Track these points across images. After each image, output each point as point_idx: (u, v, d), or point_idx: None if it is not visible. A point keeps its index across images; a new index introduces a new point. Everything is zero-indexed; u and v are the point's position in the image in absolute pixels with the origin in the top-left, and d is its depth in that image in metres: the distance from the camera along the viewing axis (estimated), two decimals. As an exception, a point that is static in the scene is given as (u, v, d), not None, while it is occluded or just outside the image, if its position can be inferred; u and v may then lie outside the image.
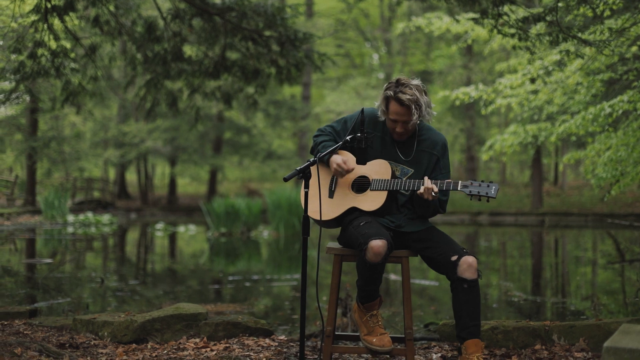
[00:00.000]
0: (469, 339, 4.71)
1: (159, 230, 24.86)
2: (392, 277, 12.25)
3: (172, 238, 22.54)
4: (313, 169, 5.09)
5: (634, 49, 11.75)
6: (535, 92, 15.74)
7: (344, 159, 5.00)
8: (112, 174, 47.48)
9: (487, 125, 43.89)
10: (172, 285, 11.39)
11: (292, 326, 8.00)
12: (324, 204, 5.04)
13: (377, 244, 4.63)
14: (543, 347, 5.48)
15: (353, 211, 5.02)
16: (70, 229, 23.87)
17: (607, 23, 10.11)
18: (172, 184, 42.10)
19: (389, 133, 5.08)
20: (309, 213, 4.97)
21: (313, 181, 5.08)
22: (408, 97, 4.87)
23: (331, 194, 5.09)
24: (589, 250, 18.72)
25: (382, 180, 4.96)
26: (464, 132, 40.30)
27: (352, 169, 4.99)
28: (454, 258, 4.73)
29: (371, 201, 4.97)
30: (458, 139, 42.60)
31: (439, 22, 18.85)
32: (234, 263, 15.36)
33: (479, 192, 4.74)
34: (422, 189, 4.80)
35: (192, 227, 25.96)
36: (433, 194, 4.78)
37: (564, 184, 44.51)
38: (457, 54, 40.07)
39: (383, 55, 48.11)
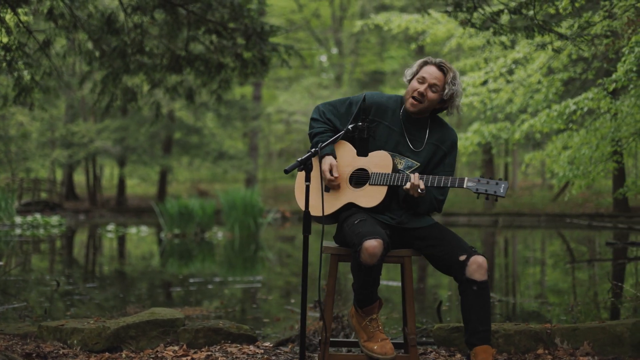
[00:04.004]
0: (479, 345, 4.38)
1: (110, 232, 24.29)
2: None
3: (124, 240, 22.04)
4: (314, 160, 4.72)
5: (592, 49, 11.66)
6: (497, 90, 15.61)
7: (332, 163, 4.64)
8: (59, 174, 46.57)
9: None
10: (131, 289, 10.98)
11: (265, 330, 7.65)
12: (318, 199, 4.66)
13: (372, 244, 4.27)
14: (546, 351, 5.18)
15: (350, 207, 4.67)
16: (17, 231, 23.23)
17: (567, 22, 9.99)
18: (121, 185, 41.43)
19: (399, 120, 4.75)
20: (303, 207, 4.61)
21: (302, 176, 4.72)
22: (449, 66, 4.67)
23: (327, 188, 4.72)
24: (547, 251, 18.62)
25: (382, 174, 4.60)
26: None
27: (336, 177, 4.63)
28: (463, 258, 4.40)
29: (370, 197, 4.61)
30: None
31: (398, 20, 18.62)
32: (191, 265, 14.95)
33: (486, 191, 4.41)
34: (407, 185, 4.47)
35: (144, 229, 25.45)
36: (419, 190, 4.44)
37: (514, 185, 44.72)
38: (408, 55, 39.97)
39: (334, 55, 47.91)
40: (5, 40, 9.72)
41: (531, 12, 8.46)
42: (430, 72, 4.65)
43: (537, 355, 5.11)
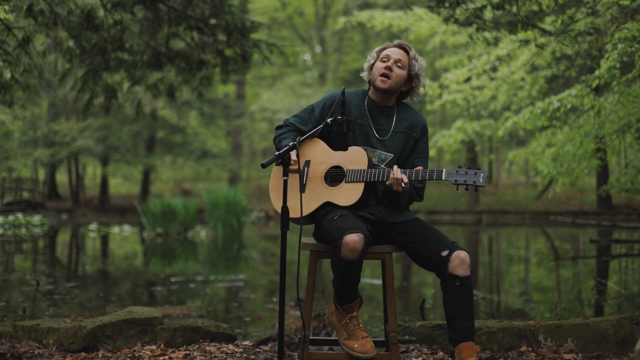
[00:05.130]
0: (463, 342, 4.29)
1: (92, 231, 24.12)
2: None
3: (107, 239, 21.87)
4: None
5: (574, 47, 11.63)
6: (480, 88, 15.56)
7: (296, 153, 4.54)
8: (42, 174, 46.26)
9: (424, 124, 43.78)
10: (112, 288, 10.88)
11: (246, 329, 7.57)
12: (295, 199, 4.56)
13: (353, 239, 4.18)
14: (529, 348, 5.10)
15: (327, 205, 4.57)
16: (-1, 230, 23.07)
17: (550, 18, 9.98)
18: (104, 184, 41.16)
19: (366, 112, 4.66)
20: (279, 210, 4.52)
21: (275, 177, 4.64)
22: (409, 45, 4.64)
23: (302, 188, 4.61)
24: (530, 248, 18.61)
25: (357, 170, 4.49)
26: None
27: (295, 160, 4.53)
28: (445, 253, 4.31)
29: (347, 195, 4.50)
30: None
31: (381, 17, 18.56)
32: (173, 264, 14.84)
33: (465, 181, 4.31)
34: (390, 180, 4.38)
35: (127, 228, 25.28)
36: (403, 184, 4.35)
37: (498, 183, 44.80)
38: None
39: (318, 54, 47.80)
40: (-17, 36, 9.60)
41: (514, 8, 8.43)
42: (392, 51, 4.61)
43: (520, 353, 5.04)
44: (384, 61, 4.59)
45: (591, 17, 10.13)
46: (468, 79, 15.68)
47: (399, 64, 4.56)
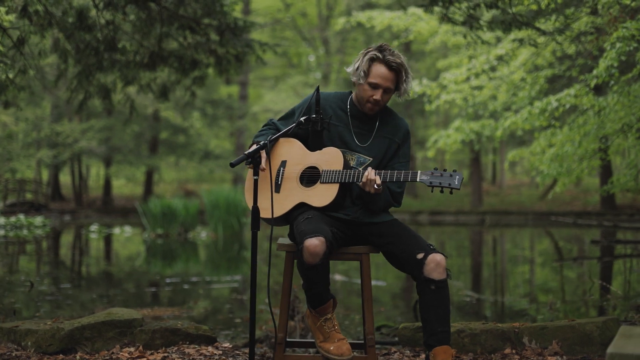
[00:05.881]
0: (437, 346, 4.22)
1: (93, 232, 24.10)
2: (337, 277, 11.81)
3: (107, 240, 21.85)
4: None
5: (574, 47, 11.57)
6: (479, 87, 15.48)
7: (262, 153, 4.46)
8: (45, 175, 46.28)
9: (426, 124, 43.72)
10: (107, 289, 10.83)
11: (235, 331, 7.52)
12: (268, 201, 4.49)
13: (313, 243, 4.09)
14: (513, 351, 5.02)
15: (302, 206, 4.49)
16: (1, 232, 23.02)
17: (551, 19, 9.91)
18: (107, 185, 41.16)
19: (346, 115, 4.58)
20: (251, 203, 4.45)
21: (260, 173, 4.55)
22: (399, 61, 4.41)
23: (277, 188, 4.53)
24: (530, 249, 18.54)
25: (333, 171, 4.41)
26: (403, 131, 39.96)
27: (264, 169, 4.46)
28: (420, 256, 4.23)
29: (321, 195, 4.42)
30: (397, 138, 42.34)
31: (381, 17, 18.46)
32: (172, 265, 14.81)
33: (440, 183, 4.23)
34: (363, 179, 4.30)
35: (128, 229, 25.25)
36: (375, 186, 4.27)
37: (502, 183, 44.70)
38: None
39: (321, 55, 47.73)
40: (-22, 37, 9.56)
41: (508, 7, 8.37)
42: (382, 75, 4.40)
43: (504, 355, 4.96)
44: (373, 87, 4.44)
45: (592, 17, 10.05)
46: (467, 79, 15.59)
47: (388, 91, 4.45)
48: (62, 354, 5.13)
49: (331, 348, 4.31)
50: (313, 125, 4.37)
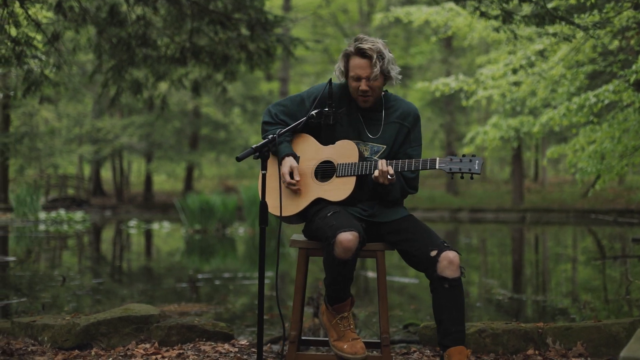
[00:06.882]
0: (452, 347, 4.10)
1: (132, 228, 24.23)
2: (370, 274, 11.71)
3: (146, 235, 21.94)
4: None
5: (616, 42, 11.38)
6: (517, 83, 15.28)
7: (293, 165, 4.39)
8: (87, 171, 46.70)
9: (467, 120, 43.37)
10: (138, 284, 10.85)
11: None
12: (284, 197, 4.42)
13: (347, 237, 4.00)
14: (536, 352, 4.89)
15: (319, 202, 4.40)
16: (41, 227, 23.23)
17: (593, 15, 9.73)
18: (148, 181, 41.41)
19: (355, 108, 4.49)
20: (270, 210, 4.37)
21: (272, 167, 4.48)
22: (369, 45, 4.35)
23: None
24: (570, 247, 18.29)
25: (348, 164, 4.32)
26: (443, 127, 39.71)
27: (297, 181, 4.38)
28: (434, 253, 4.12)
29: (338, 190, 4.33)
30: (438, 135, 42.11)
31: (418, 13, 18.31)
32: (206, 261, 14.78)
33: (460, 169, 4.12)
34: (376, 172, 4.20)
35: (167, 224, 25.36)
36: (389, 177, 4.18)
37: (544, 180, 44.23)
38: (436, 49, 39.58)
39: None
40: (14, 33, 9.60)
41: (542, 1, 8.21)
42: (358, 65, 4.36)
43: (526, 356, 4.84)
44: (356, 80, 4.40)
45: (634, 12, 9.85)
46: (505, 75, 15.40)
47: (371, 78, 4.36)
48: (78, 349, 5.10)
49: (345, 347, 4.21)
50: (325, 118, 4.28)
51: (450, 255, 4.10)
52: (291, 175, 4.38)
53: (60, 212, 27.27)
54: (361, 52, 4.37)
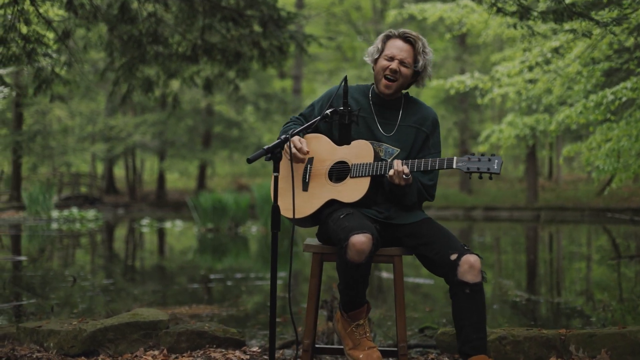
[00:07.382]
0: (474, 356, 3.93)
1: (145, 226, 24.15)
2: (384, 275, 11.55)
3: (158, 234, 21.84)
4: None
5: (632, 39, 11.21)
6: (533, 81, 15.09)
7: (299, 138, 4.25)
8: (100, 168, 46.70)
9: (481, 118, 43.16)
10: (150, 284, 10.71)
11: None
12: (297, 199, 4.26)
13: (360, 240, 3.86)
14: (559, 359, 4.72)
15: (332, 204, 4.25)
16: (54, 225, 23.17)
17: (607, 13, 9.56)
18: (161, 179, 41.34)
19: (370, 107, 4.34)
20: (282, 212, 4.21)
21: (284, 169, 4.32)
22: (414, 34, 4.25)
23: (305, 186, 4.30)
24: (585, 246, 18.11)
25: (363, 164, 4.17)
26: (457, 125, 39.50)
27: (307, 152, 4.23)
28: (454, 257, 3.96)
29: (351, 190, 4.18)
30: (452, 133, 41.89)
31: (433, 9, 18.14)
32: (220, 260, 14.65)
33: (478, 169, 3.96)
34: (390, 172, 4.05)
35: (179, 223, 25.28)
36: (404, 176, 4.02)
37: (559, 179, 43.96)
38: (450, 46, 39.39)
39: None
40: (24, 31, 9.50)
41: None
42: (398, 46, 4.25)
43: (548, 364, 4.67)
44: (388, 60, 4.27)
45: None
46: (520, 72, 15.22)
47: (405, 63, 4.24)
48: (84, 356, 4.95)
49: (361, 356, 4.05)
50: (340, 118, 4.13)
51: (471, 259, 3.95)
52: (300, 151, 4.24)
53: (73, 210, 27.21)
54: (405, 37, 4.28)
